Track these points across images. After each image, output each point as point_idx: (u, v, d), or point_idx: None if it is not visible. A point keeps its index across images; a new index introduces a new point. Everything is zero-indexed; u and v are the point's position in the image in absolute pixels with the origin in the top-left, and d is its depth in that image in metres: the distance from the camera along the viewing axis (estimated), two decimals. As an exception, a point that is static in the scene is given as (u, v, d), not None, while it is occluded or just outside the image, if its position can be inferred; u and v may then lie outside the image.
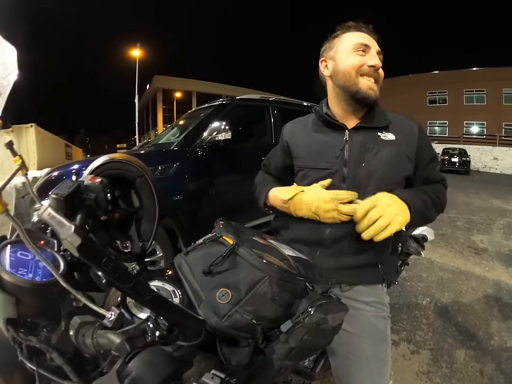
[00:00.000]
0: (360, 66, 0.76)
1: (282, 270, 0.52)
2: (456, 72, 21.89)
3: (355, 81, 0.76)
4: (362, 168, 0.76)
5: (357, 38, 0.78)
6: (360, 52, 0.77)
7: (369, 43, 0.78)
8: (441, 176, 0.84)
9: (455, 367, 1.55)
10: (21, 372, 0.41)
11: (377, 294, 0.79)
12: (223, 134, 2.28)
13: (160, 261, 2.06)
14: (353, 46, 0.78)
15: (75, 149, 13.16)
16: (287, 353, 0.48)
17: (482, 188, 8.27)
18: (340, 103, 0.82)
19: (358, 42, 0.77)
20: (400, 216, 0.66)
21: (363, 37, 0.79)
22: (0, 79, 0.37)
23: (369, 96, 0.76)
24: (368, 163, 0.76)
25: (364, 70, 0.76)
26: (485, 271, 2.79)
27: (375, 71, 0.77)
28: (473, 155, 14.59)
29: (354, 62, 0.76)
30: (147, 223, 0.57)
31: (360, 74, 0.76)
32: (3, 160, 0.37)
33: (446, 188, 0.84)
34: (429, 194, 0.76)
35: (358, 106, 0.80)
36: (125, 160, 0.55)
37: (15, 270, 0.36)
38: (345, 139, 0.79)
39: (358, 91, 0.76)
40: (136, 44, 17.94)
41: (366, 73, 0.76)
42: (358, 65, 0.76)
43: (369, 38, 0.79)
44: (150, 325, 0.39)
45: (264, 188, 0.88)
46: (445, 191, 0.83)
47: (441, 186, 0.82)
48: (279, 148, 0.95)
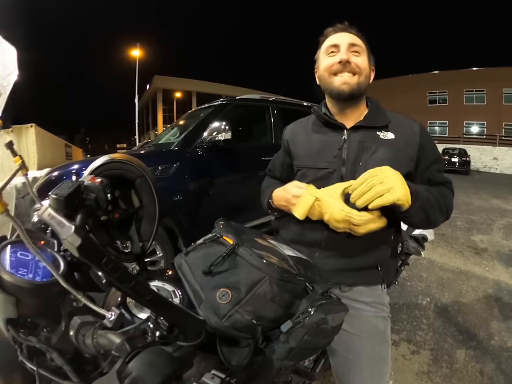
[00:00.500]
0: (330, 67, 0.77)
1: (283, 270, 0.52)
2: (456, 72, 21.89)
3: (328, 81, 0.79)
4: (360, 167, 0.75)
5: (328, 42, 0.80)
6: (331, 53, 0.78)
7: (338, 41, 0.78)
8: (446, 179, 0.81)
9: (455, 367, 1.55)
10: (21, 372, 0.41)
11: (377, 294, 0.79)
12: (223, 134, 2.28)
13: (160, 261, 2.06)
14: (325, 50, 0.80)
15: (75, 149, 13.16)
16: (287, 353, 0.48)
17: (482, 188, 8.27)
18: (332, 106, 0.84)
19: (328, 45, 0.79)
20: (402, 188, 0.62)
21: (333, 38, 0.79)
22: (0, 79, 0.37)
23: (342, 91, 0.76)
24: (365, 162, 0.76)
25: (333, 69, 0.77)
26: (485, 271, 2.79)
27: (344, 65, 0.75)
28: (473, 155, 14.59)
29: (325, 64, 0.79)
30: (147, 223, 0.57)
31: (332, 73, 0.78)
32: (3, 160, 0.37)
33: (453, 192, 0.80)
34: (433, 194, 0.73)
35: (343, 105, 0.80)
36: (125, 160, 0.55)
37: (15, 270, 0.36)
38: (343, 138, 0.79)
39: (332, 90, 0.78)
40: (136, 44, 17.95)
41: (336, 71, 0.77)
42: (328, 66, 0.78)
43: (342, 36, 0.78)
44: (150, 325, 0.39)
45: (268, 190, 0.88)
46: (451, 194, 0.79)
47: (446, 189, 0.79)
48: (281, 149, 0.97)
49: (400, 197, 0.62)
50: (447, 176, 0.81)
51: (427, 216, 0.71)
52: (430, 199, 0.71)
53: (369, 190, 0.62)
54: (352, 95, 0.77)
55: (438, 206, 0.73)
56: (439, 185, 0.78)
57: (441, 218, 0.75)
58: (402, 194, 0.62)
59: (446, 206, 0.75)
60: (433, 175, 0.78)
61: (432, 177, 0.79)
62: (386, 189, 0.61)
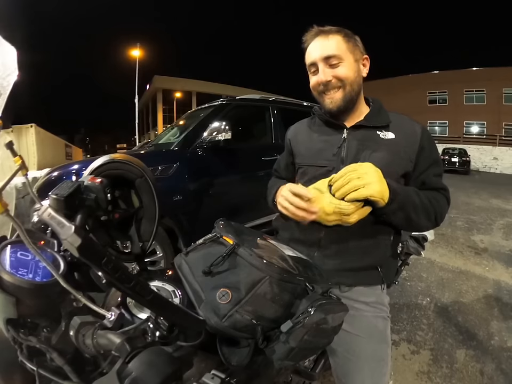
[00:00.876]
0: (316, 87, 0.79)
1: (283, 270, 0.52)
2: (456, 72, 21.90)
3: (319, 100, 0.81)
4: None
5: (308, 58, 0.79)
6: (313, 72, 0.79)
7: (314, 58, 0.76)
8: (443, 185, 0.79)
9: (455, 367, 1.55)
10: (21, 372, 0.41)
11: (377, 294, 0.79)
12: (223, 134, 2.28)
13: (160, 261, 2.06)
14: (308, 68, 0.81)
15: (75, 149, 13.16)
16: (287, 353, 0.48)
17: (483, 188, 8.27)
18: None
19: (308, 64, 0.79)
20: (377, 185, 0.64)
21: (310, 53, 0.78)
22: (0, 80, 0.37)
23: (330, 110, 0.79)
24: (364, 161, 0.75)
25: (319, 89, 0.79)
26: (485, 271, 2.79)
27: (326, 84, 0.76)
28: (473, 155, 14.58)
29: (311, 84, 0.81)
30: (147, 223, 0.57)
31: (319, 93, 0.80)
32: (3, 160, 0.37)
33: (448, 199, 0.79)
34: (421, 197, 0.72)
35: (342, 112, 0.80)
36: (125, 160, 0.55)
37: (15, 270, 0.36)
38: (343, 137, 0.80)
39: (323, 108, 0.81)
40: (136, 44, 17.96)
41: (322, 91, 0.78)
42: (314, 87, 0.80)
43: (316, 48, 0.76)
44: (150, 325, 0.39)
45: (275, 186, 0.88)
46: (444, 201, 0.77)
47: (440, 195, 0.77)
48: (285, 150, 0.98)
49: (374, 193, 0.63)
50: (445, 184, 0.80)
51: (408, 217, 0.71)
52: (415, 202, 0.71)
53: (347, 184, 0.64)
54: (340, 110, 0.78)
55: (423, 210, 0.72)
56: (433, 190, 0.77)
57: (427, 223, 0.74)
58: (377, 192, 0.64)
59: (435, 212, 0.74)
60: (428, 178, 0.77)
61: (427, 180, 0.77)
62: (362, 184, 0.63)
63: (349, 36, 0.77)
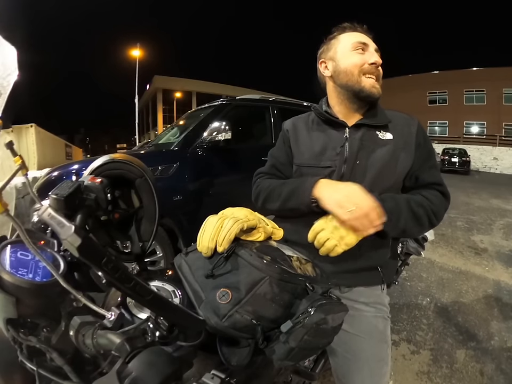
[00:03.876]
0: (362, 65, 0.76)
1: (283, 270, 0.52)
2: (456, 72, 21.90)
3: (358, 80, 0.76)
4: (357, 165, 0.76)
5: (354, 37, 0.79)
6: (360, 50, 0.77)
7: (367, 41, 0.78)
8: (436, 179, 0.77)
9: (455, 367, 1.55)
10: (21, 372, 0.40)
11: (377, 294, 0.79)
12: (223, 134, 2.28)
13: (160, 261, 2.06)
14: (352, 45, 0.78)
15: (75, 149, 13.16)
16: (287, 353, 0.48)
17: (482, 188, 8.27)
18: (343, 101, 0.81)
19: (356, 41, 0.78)
20: (348, 238, 0.65)
21: (360, 36, 0.79)
22: (0, 79, 0.37)
23: (373, 94, 0.76)
24: (363, 162, 0.76)
25: (365, 69, 0.76)
26: (485, 271, 2.79)
27: (376, 68, 0.77)
28: (473, 155, 14.59)
29: (356, 61, 0.76)
30: (147, 223, 0.57)
31: (362, 73, 0.76)
32: (3, 160, 0.37)
33: (444, 194, 0.76)
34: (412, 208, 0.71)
35: (361, 104, 0.80)
36: (125, 160, 0.55)
37: (15, 270, 0.36)
38: (345, 136, 0.79)
39: (362, 89, 0.76)
40: (136, 44, 17.96)
41: (367, 71, 0.76)
42: (360, 64, 0.76)
43: (366, 37, 0.80)
44: (150, 325, 0.39)
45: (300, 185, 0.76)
46: (439, 198, 0.75)
47: (433, 193, 0.75)
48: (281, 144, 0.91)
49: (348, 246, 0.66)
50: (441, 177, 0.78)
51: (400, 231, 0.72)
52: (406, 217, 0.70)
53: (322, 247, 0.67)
54: (377, 99, 0.78)
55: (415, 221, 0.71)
56: (426, 187, 0.76)
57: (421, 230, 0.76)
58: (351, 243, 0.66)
59: (429, 217, 0.73)
60: (422, 173, 0.77)
61: (420, 175, 0.77)
62: (333, 245, 0.65)
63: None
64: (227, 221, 0.57)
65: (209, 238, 0.56)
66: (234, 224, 0.56)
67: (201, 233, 0.58)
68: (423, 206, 0.72)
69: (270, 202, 0.82)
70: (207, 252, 0.57)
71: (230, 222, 0.56)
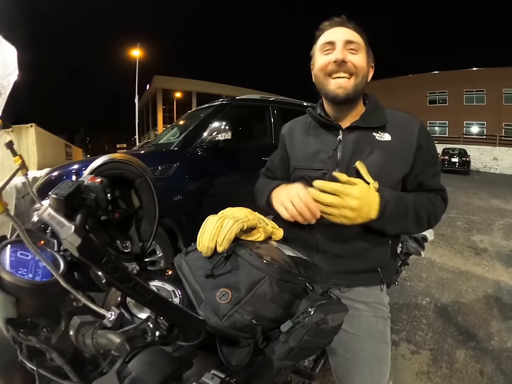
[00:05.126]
0: (326, 66, 0.73)
1: (283, 270, 0.52)
2: (456, 72, 21.91)
3: (324, 83, 0.75)
4: (352, 168, 0.73)
5: (323, 38, 0.75)
6: (326, 51, 0.74)
7: (333, 38, 0.73)
8: (440, 185, 0.78)
9: (455, 367, 1.55)
10: (21, 372, 0.41)
11: (377, 294, 0.79)
12: (223, 134, 2.28)
13: (160, 261, 2.06)
14: (320, 47, 0.75)
15: (75, 149, 13.15)
16: (287, 353, 0.48)
17: (482, 188, 8.27)
18: (329, 104, 0.80)
19: (323, 42, 0.75)
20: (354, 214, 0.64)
21: (329, 34, 0.75)
22: (0, 79, 0.37)
23: (337, 96, 0.73)
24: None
25: (328, 69, 0.73)
26: (485, 271, 2.79)
27: (340, 65, 0.71)
28: (473, 155, 14.59)
29: (320, 63, 0.75)
30: (147, 223, 0.57)
31: (327, 74, 0.74)
32: (3, 160, 0.37)
33: (444, 199, 0.78)
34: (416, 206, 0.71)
35: (343, 107, 0.78)
36: (125, 160, 0.55)
37: (15, 270, 0.36)
38: (338, 139, 0.77)
39: (327, 92, 0.75)
40: (136, 44, 17.97)
41: (332, 71, 0.73)
42: (324, 66, 0.74)
43: (338, 32, 0.74)
44: (150, 325, 0.39)
45: (269, 186, 0.84)
46: (441, 202, 0.77)
47: (436, 197, 0.76)
48: (279, 147, 0.96)
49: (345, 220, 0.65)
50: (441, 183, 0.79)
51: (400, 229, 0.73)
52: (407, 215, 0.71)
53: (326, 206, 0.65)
54: (347, 99, 0.74)
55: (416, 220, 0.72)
56: (430, 192, 0.76)
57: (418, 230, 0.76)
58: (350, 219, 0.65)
59: (428, 217, 0.74)
60: (426, 180, 0.76)
61: (424, 182, 0.76)
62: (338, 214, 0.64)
63: (367, 39, 0.76)
64: (227, 220, 0.57)
65: (209, 238, 0.56)
66: (234, 224, 0.56)
67: (201, 233, 0.58)
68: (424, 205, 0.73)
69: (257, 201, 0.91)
70: (207, 252, 0.57)
71: (230, 222, 0.56)
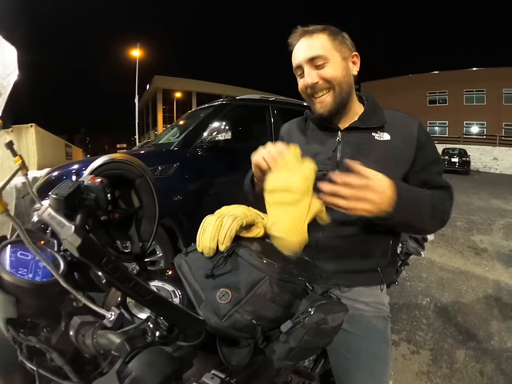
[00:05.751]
0: (304, 91, 0.77)
1: (283, 270, 0.52)
2: (456, 72, 21.92)
3: (309, 103, 0.80)
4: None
5: (293, 61, 0.77)
6: (299, 75, 0.77)
7: (299, 61, 0.74)
8: (446, 183, 0.77)
9: (455, 367, 1.55)
10: (21, 372, 0.41)
11: (377, 294, 0.79)
12: (223, 134, 2.28)
13: (160, 261, 2.06)
14: (294, 71, 0.78)
15: (75, 149, 13.16)
16: (287, 353, 0.48)
17: (482, 188, 8.27)
18: None
19: (294, 67, 0.77)
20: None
21: (295, 54, 0.76)
22: (0, 79, 0.37)
23: (322, 114, 0.76)
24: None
25: (308, 93, 0.77)
26: (485, 271, 2.79)
27: (313, 87, 0.74)
28: (473, 155, 14.59)
29: (300, 88, 0.78)
30: (147, 223, 0.57)
31: (308, 97, 0.78)
32: (3, 160, 0.37)
33: (452, 197, 0.76)
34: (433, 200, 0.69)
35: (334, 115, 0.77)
36: (125, 160, 0.55)
37: (15, 270, 0.36)
38: (337, 140, 0.78)
39: (314, 111, 0.79)
40: (136, 44, 17.97)
41: (311, 94, 0.76)
42: (302, 91, 0.78)
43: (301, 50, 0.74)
44: (150, 325, 0.39)
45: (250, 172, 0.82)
46: (449, 198, 0.75)
47: (445, 193, 0.74)
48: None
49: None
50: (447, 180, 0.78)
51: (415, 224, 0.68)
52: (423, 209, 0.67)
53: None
54: (331, 114, 0.76)
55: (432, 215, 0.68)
56: (437, 188, 0.75)
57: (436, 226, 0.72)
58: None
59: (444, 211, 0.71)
60: (431, 177, 0.76)
61: (429, 179, 0.76)
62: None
63: (335, 33, 0.74)
64: (226, 218, 0.57)
65: (210, 237, 0.56)
66: (233, 222, 0.56)
67: (200, 233, 0.58)
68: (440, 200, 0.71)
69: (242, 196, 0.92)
70: (209, 252, 0.57)
71: (229, 219, 0.56)
